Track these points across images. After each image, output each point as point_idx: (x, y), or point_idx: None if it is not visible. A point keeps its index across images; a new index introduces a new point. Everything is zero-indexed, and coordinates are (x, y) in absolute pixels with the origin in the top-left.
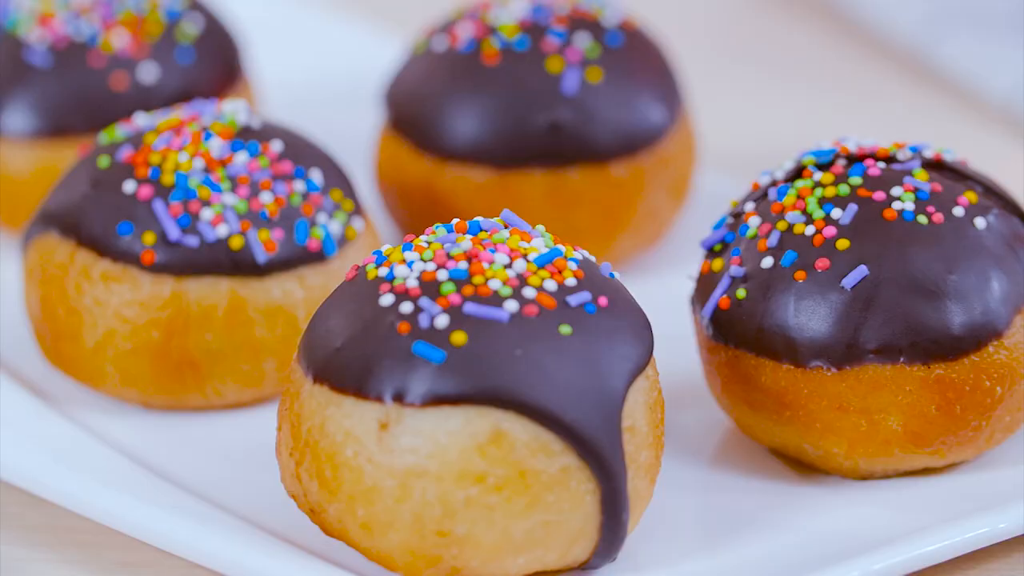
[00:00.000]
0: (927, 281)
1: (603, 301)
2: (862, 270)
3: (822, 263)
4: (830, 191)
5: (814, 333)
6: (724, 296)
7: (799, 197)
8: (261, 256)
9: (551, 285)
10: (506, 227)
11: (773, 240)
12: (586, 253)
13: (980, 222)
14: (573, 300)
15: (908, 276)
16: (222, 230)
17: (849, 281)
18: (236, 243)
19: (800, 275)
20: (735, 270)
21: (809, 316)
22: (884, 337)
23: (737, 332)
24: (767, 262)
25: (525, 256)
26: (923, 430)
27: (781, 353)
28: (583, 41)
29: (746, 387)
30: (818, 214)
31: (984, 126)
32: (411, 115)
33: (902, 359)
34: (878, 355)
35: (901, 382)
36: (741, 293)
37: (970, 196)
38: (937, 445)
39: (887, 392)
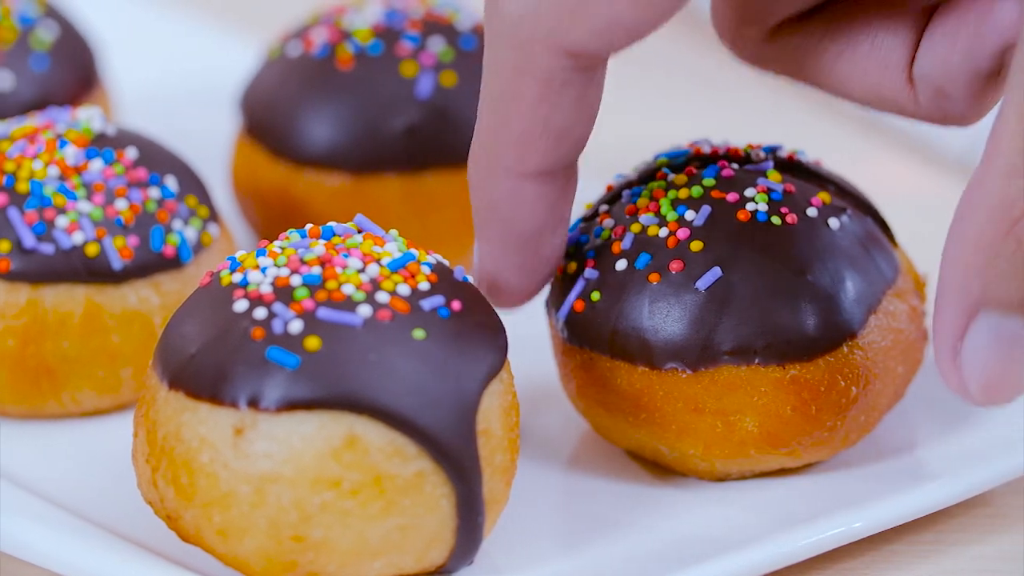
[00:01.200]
0: (781, 282)
1: (456, 305)
2: (716, 271)
3: (676, 265)
4: (683, 192)
5: (669, 335)
6: (578, 299)
7: (652, 199)
8: (117, 263)
9: (404, 289)
10: (360, 232)
11: (627, 242)
12: (440, 257)
13: (834, 222)
14: (426, 304)
15: (762, 277)
16: (77, 237)
17: (703, 283)
18: (92, 250)
19: (654, 277)
20: (589, 272)
21: (664, 318)
22: (739, 338)
23: (592, 335)
24: (621, 264)
25: (378, 261)
26: (779, 430)
27: (636, 355)
28: (437, 45)
29: (602, 390)
30: (671, 216)
31: (840, 125)
32: (266, 121)
33: (757, 360)
34: (733, 356)
35: (756, 383)
36: (595, 296)
37: (824, 197)
38: (793, 445)
39: (742, 393)
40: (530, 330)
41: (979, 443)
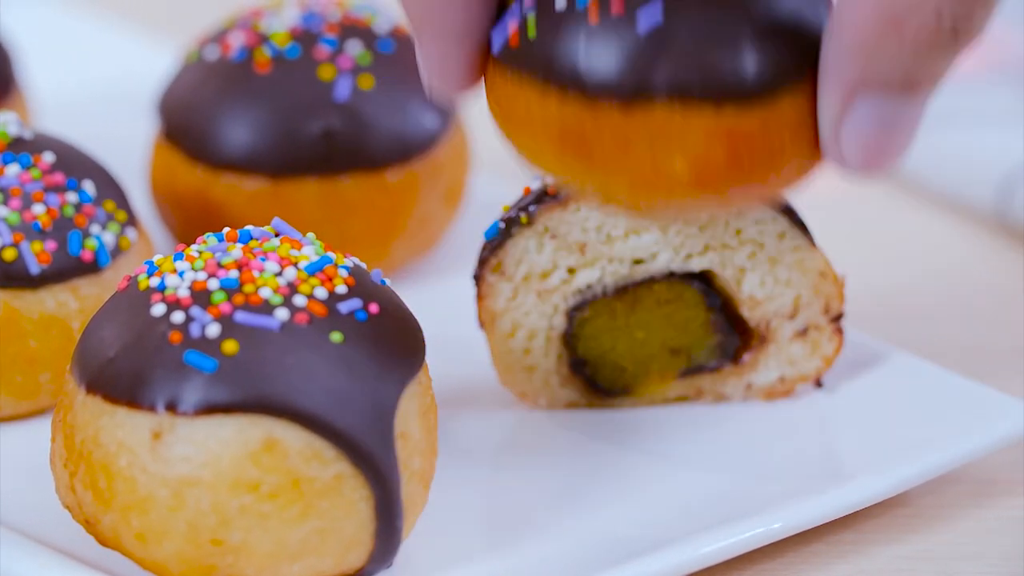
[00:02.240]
0: (723, 26)
1: (374, 308)
2: (657, 13)
3: (617, 5)
4: None
5: (604, 72)
6: (515, 32)
7: None
8: (34, 268)
9: (321, 293)
10: (277, 236)
11: None
12: (357, 260)
13: None
14: (343, 307)
15: (703, 20)
16: None
17: (643, 24)
18: (9, 255)
19: (594, 16)
20: (527, 8)
21: (599, 55)
22: (675, 80)
23: (525, 64)
24: (560, 3)
25: (295, 264)
26: (708, 173)
27: (568, 87)
28: (355, 48)
29: (529, 115)
30: None
31: None
32: (184, 124)
33: (692, 103)
34: (668, 97)
35: (690, 126)
36: (531, 31)
37: None
38: (721, 191)
39: (675, 134)
40: (449, 333)
41: (896, 444)
